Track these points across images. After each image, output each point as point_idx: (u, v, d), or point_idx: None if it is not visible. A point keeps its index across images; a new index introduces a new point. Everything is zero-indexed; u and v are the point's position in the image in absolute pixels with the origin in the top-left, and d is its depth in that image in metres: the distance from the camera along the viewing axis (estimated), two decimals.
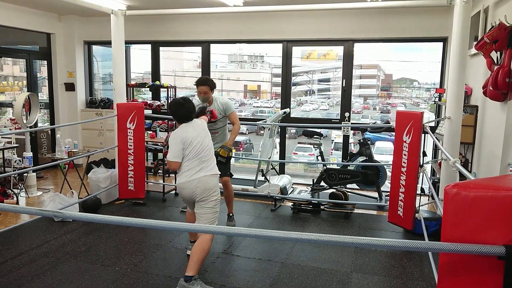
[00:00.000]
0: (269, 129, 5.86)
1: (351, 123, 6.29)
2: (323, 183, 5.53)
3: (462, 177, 2.73)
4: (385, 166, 5.47)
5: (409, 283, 3.34)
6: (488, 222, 1.46)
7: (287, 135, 7.03)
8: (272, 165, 5.89)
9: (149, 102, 6.82)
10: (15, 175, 5.77)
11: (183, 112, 3.26)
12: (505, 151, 3.60)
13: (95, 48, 7.76)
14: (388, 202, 4.61)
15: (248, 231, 1.77)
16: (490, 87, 3.60)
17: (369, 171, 5.38)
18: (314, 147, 5.80)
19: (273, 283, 3.33)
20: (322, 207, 5.19)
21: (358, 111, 17.46)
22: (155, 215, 5.02)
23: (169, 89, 6.88)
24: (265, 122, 6.02)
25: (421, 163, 4.17)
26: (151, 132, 6.40)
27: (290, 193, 5.60)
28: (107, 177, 5.23)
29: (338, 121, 6.48)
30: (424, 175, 4.16)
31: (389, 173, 4.99)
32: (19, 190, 5.62)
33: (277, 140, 6.59)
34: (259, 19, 6.28)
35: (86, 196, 5.15)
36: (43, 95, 7.58)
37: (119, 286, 3.23)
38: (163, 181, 5.79)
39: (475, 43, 3.97)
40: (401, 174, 4.22)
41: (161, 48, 7.26)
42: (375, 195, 5.50)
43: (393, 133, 4.42)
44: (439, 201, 3.56)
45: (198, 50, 7.00)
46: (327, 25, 6.09)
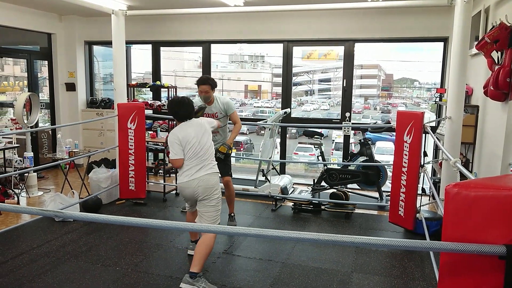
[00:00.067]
0: (269, 129, 5.86)
1: (352, 123, 6.30)
2: (323, 183, 5.53)
3: (462, 177, 2.73)
4: (385, 166, 5.47)
5: (410, 283, 3.34)
6: (489, 221, 1.45)
7: (287, 135, 7.02)
8: (272, 165, 5.88)
9: (149, 102, 6.83)
10: (16, 175, 5.78)
11: (182, 111, 3.28)
12: (506, 151, 3.60)
13: (96, 48, 7.77)
14: (389, 202, 4.62)
15: (248, 231, 1.76)
16: (491, 87, 3.60)
17: (369, 171, 5.37)
18: (314, 147, 5.81)
19: (273, 283, 3.33)
20: (322, 207, 5.19)
21: (358, 111, 17.45)
22: (155, 215, 5.02)
23: (170, 89, 6.89)
24: (266, 122, 6.02)
25: (422, 163, 4.17)
26: (152, 132, 6.40)
27: (290, 193, 5.60)
28: (107, 177, 5.23)
29: (338, 121, 6.48)
30: (425, 175, 4.15)
31: (389, 173, 4.99)
32: (20, 190, 5.63)
33: (278, 140, 6.59)
34: (260, 19, 6.28)
35: (86, 196, 5.15)
36: (44, 95, 7.58)
37: (119, 286, 3.24)
38: (164, 181, 5.80)
39: (476, 43, 3.97)
40: (402, 174, 4.22)
41: (162, 48, 7.26)
42: (376, 195, 5.50)
43: (394, 133, 4.42)
44: (440, 201, 3.56)
45: (198, 50, 7.00)
46: (327, 25, 6.09)
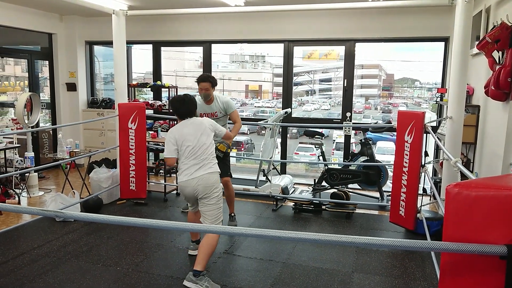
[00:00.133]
0: (270, 129, 5.86)
1: (353, 123, 6.29)
2: (324, 183, 5.52)
3: (463, 177, 2.72)
4: (386, 166, 5.46)
5: (410, 283, 3.34)
6: (489, 221, 1.45)
7: (288, 135, 7.02)
8: (273, 165, 5.88)
9: (150, 102, 6.83)
10: (17, 175, 5.78)
11: (183, 109, 3.30)
12: (507, 150, 3.59)
13: (97, 48, 7.77)
14: (389, 202, 4.61)
15: (249, 231, 1.76)
16: (492, 87, 3.59)
17: (370, 171, 5.37)
18: (315, 147, 5.80)
19: (274, 283, 3.33)
20: (323, 207, 5.18)
21: (359, 111, 17.45)
22: (156, 215, 5.02)
23: (171, 89, 6.89)
24: (267, 122, 6.02)
25: (423, 163, 4.17)
26: (153, 132, 6.40)
27: (291, 193, 5.60)
28: (108, 177, 5.23)
29: (339, 121, 6.48)
30: (425, 175, 4.15)
31: (390, 173, 4.98)
32: (20, 190, 5.63)
33: (279, 140, 6.59)
34: (261, 19, 6.28)
35: (87, 196, 5.15)
36: (45, 95, 7.59)
37: (120, 286, 3.24)
38: (165, 181, 5.80)
39: (477, 42, 3.97)
40: (403, 174, 4.21)
41: (163, 48, 7.27)
42: (377, 195, 5.49)
43: (395, 133, 4.41)
44: (441, 201, 3.56)
45: (199, 50, 7.00)
46: (328, 25, 6.08)
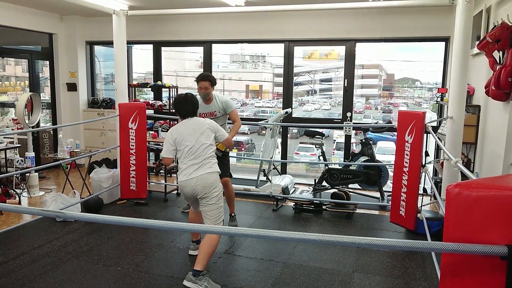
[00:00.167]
0: (270, 129, 5.85)
1: (353, 123, 6.29)
2: (325, 183, 5.52)
3: (464, 177, 2.72)
4: (387, 166, 5.46)
5: (411, 283, 3.34)
6: (490, 222, 1.45)
7: (288, 135, 7.01)
8: (274, 165, 5.88)
9: (151, 102, 6.84)
10: (17, 175, 5.78)
11: (183, 109, 3.30)
12: (508, 150, 3.59)
13: (97, 48, 7.78)
14: (390, 202, 4.61)
15: (249, 231, 1.76)
16: (492, 87, 3.59)
17: (371, 171, 5.37)
18: (316, 147, 5.79)
19: (275, 283, 3.33)
20: (324, 207, 5.18)
21: (360, 111, 17.45)
22: (156, 215, 5.02)
23: (171, 89, 6.90)
24: (267, 122, 6.02)
25: (423, 163, 4.16)
26: (153, 132, 6.40)
27: (292, 193, 5.60)
28: (109, 177, 5.23)
29: (340, 121, 6.47)
30: (426, 175, 4.14)
31: (391, 173, 4.98)
32: (21, 190, 5.63)
33: (279, 140, 6.59)
34: (261, 19, 6.28)
35: (88, 196, 5.15)
36: (45, 95, 7.60)
37: (121, 286, 3.24)
38: (165, 181, 5.80)
39: (477, 42, 3.96)
40: (403, 174, 4.21)
41: (163, 48, 7.27)
42: (377, 195, 5.49)
43: (395, 133, 4.41)
44: (441, 201, 3.55)
45: (200, 50, 7.00)
46: (328, 25, 6.08)
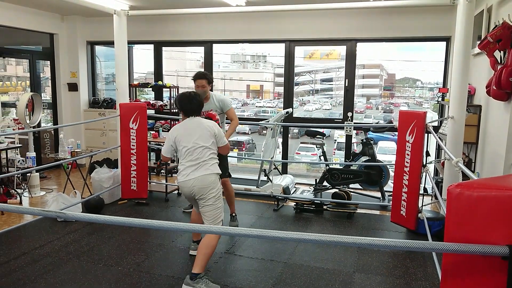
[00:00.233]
0: (271, 129, 5.85)
1: (354, 123, 6.28)
2: (325, 183, 5.52)
3: (465, 177, 2.72)
4: (388, 166, 5.46)
5: (412, 283, 3.33)
6: (491, 222, 1.45)
7: (289, 135, 7.01)
8: (274, 165, 5.88)
9: (151, 102, 6.83)
10: (19, 175, 5.79)
11: (191, 105, 3.28)
12: (509, 150, 3.58)
13: (98, 48, 7.78)
14: (391, 202, 4.61)
15: (250, 231, 1.76)
16: (493, 87, 3.58)
17: (372, 171, 5.36)
18: (316, 147, 5.79)
19: (276, 283, 3.33)
20: (325, 207, 5.18)
21: (361, 110, 17.46)
22: (157, 215, 5.02)
23: (172, 89, 6.90)
24: (268, 122, 6.02)
25: (424, 163, 4.16)
26: (154, 132, 6.41)
27: (292, 193, 5.59)
28: (110, 177, 5.24)
29: (340, 121, 6.47)
30: (427, 175, 4.14)
31: (392, 173, 4.97)
32: (22, 190, 5.64)
33: (280, 140, 6.58)
34: (262, 19, 6.28)
35: (89, 196, 5.16)
36: (46, 95, 7.60)
37: (122, 286, 3.24)
38: (166, 181, 5.80)
39: (479, 42, 3.95)
40: (404, 174, 4.21)
41: (164, 48, 7.26)
42: (378, 195, 5.49)
43: (396, 133, 4.41)
44: (442, 201, 3.55)
45: (200, 50, 7.00)
46: (329, 25, 6.08)
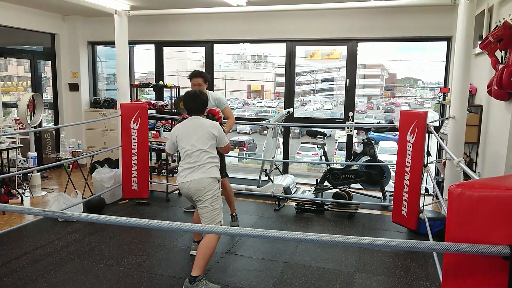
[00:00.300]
0: (272, 129, 5.85)
1: (355, 123, 6.28)
2: (326, 183, 5.52)
3: (466, 177, 2.72)
4: (389, 165, 5.45)
5: (413, 283, 3.33)
6: (492, 222, 1.45)
7: (290, 135, 7.01)
8: (275, 165, 5.88)
9: (152, 102, 6.84)
10: (20, 175, 5.79)
11: (194, 105, 3.29)
12: (510, 150, 3.57)
13: (99, 48, 7.79)
14: (392, 202, 4.60)
15: (251, 231, 1.76)
16: (494, 86, 3.58)
17: (373, 171, 5.36)
18: (317, 147, 5.78)
19: (276, 283, 3.33)
20: (325, 207, 5.18)
21: (362, 110, 17.46)
22: (158, 215, 5.03)
23: (173, 89, 6.90)
24: (269, 122, 6.02)
25: (425, 163, 4.16)
26: (155, 132, 6.41)
27: (293, 193, 5.59)
28: (111, 177, 5.24)
29: (341, 120, 6.46)
30: (428, 175, 4.14)
31: (393, 173, 4.97)
32: (23, 190, 5.65)
33: (281, 140, 6.59)
34: (263, 19, 6.28)
35: (90, 196, 5.17)
36: (47, 95, 7.61)
37: (123, 285, 3.24)
38: (167, 181, 5.80)
39: (480, 42, 3.95)
40: (405, 174, 4.21)
41: (165, 48, 7.26)
42: (379, 195, 5.48)
43: (397, 133, 4.40)
44: (444, 201, 3.54)
45: (201, 50, 7.00)
46: (330, 25, 6.07)
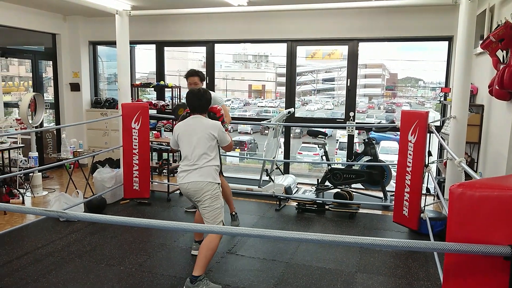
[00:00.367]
0: (273, 129, 5.85)
1: (356, 123, 6.27)
2: (327, 183, 5.52)
3: (467, 176, 2.71)
4: (390, 165, 5.45)
5: (414, 283, 3.33)
6: (493, 222, 1.44)
7: (291, 135, 7.01)
8: (276, 165, 5.88)
9: (153, 102, 6.85)
10: (21, 175, 5.80)
11: (197, 103, 3.27)
12: (511, 150, 3.57)
13: (100, 48, 7.79)
14: (393, 202, 4.60)
15: (252, 231, 1.76)
16: (496, 86, 3.57)
17: (374, 171, 5.35)
18: (318, 147, 5.78)
19: (277, 283, 3.33)
20: (326, 207, 5.18)
21: (363, 110, 17.44)
22: (159, 215, 5.03)
23: (174, 89, 6.91)
24: (270, 122, 6.02)
25: (427, 163, 4.15)
26: (156, 132, 6.42)
27: (294, 193, 5.59)
28: (112, 177, 5.25)
29: (342, 120, 6.46)
30: (429, 174, 4.13)
31: (394, 173, 4.97)
32: (24, 190, 5.66)
33: (282, 139, 6.59)
34: (264, 19, 6.27)
35: (91, 196, 5.17)
36: (49, 95, 7.62)
37: (124, 285, 3.25)
38: (168, 181, 5.81)
39: (481, 42, 3.95)
40: (406, 173, 4.20)
41: (166, 48, 7.27)
42: (380, 195, 5.48)
43: (398, 133, 4.40)
44: (445, 201, 3.54)
45: (202, 50, 7.00)
46: (331, 25, 6.07)
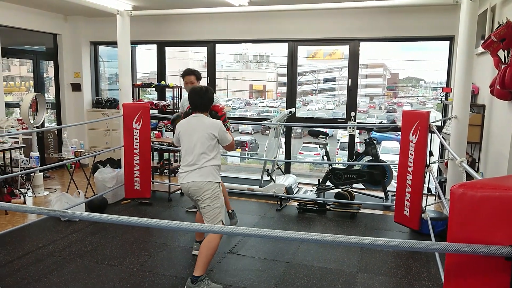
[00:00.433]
0: (274, 129, 5.85)
1: (357, 123, 6.27)
2: (328, 183, 5.52)
3: (469, 177, 2.71)
4: (391, 165, 5.45)
5: (415, 284, 3.32)
6: (495, 222, 1.44)
7: (292, 135, 7.01)
8: (277, 165, 5.88)
9: (154, 102, 6.85)
10: (22, 175, 5.81)
11: (199, 101, 3.26)
12: None
13: (101, 48, 7.80)
14: (394, 202, 4.59)
15: (253, 231, 1.76)
16: (497, 86, 3.57)
17: (375, 171, 5.35)
18: (319, 147, 5.78)
19: (278, 283, 3.33)
20: (328, 207, 5.17)
21: (364, 110, 17.43)
22: (160, 214, 5.03)
23: (175, 89, 6.91)
24: (271, 122, 6.02)
25: (428, 163, 4.15)
26: (157, 132, 6.43)
27: (295, 193, 5.59)
28: (113, 177, 5.25)
29: (344, 120, 6.46)
30: (430, 174, 4.13)
31: (395, 173, 4.96)
32: (26, 190, 5.67)
33: (283, 139, 6.59)
34: (265, 19, 6.27)
35: (92, 195, 5.17)
36: (50, 96, 7.63)
37: (125, 285, 3.25)
38: (169, 181, 5.81)
39: (482, 41, 3.94)
40: (408, 174, 4.20)
41: (167, 48, 7.27)
42: (381, 195, 5.47)
43: (399, 133, 4.39)
44: (446, 201, 3.53)
45: (203, 50, 7.01)
46: (332, 25, 6.07)
